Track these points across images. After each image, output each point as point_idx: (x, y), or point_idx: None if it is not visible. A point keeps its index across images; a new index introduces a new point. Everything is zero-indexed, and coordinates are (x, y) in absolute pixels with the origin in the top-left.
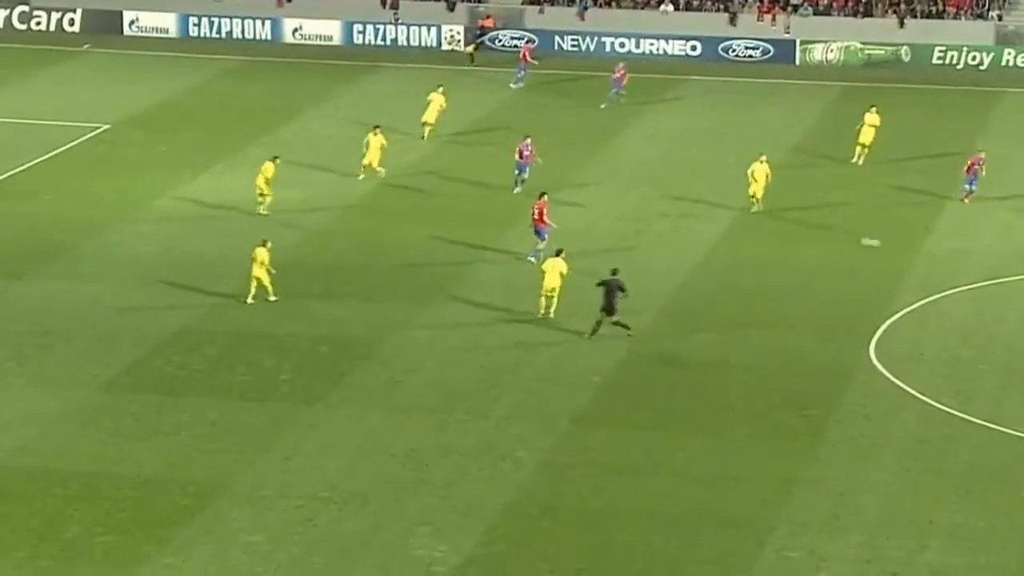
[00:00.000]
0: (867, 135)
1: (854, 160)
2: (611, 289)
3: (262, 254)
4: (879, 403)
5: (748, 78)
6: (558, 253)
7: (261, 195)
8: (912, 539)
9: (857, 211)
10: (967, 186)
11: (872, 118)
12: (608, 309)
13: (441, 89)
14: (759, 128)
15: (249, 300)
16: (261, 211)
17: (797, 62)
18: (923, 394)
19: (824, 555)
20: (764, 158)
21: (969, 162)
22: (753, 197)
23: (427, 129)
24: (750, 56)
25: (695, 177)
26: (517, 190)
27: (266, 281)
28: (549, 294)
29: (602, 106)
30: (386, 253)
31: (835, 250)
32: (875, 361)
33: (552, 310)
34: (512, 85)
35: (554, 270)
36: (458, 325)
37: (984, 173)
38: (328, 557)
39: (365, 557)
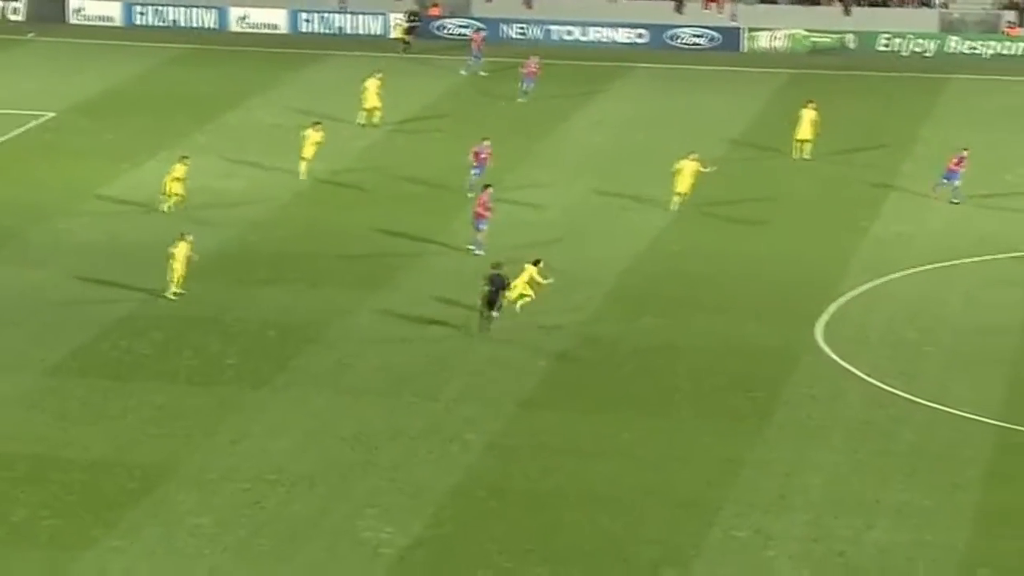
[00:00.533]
0: (805, 131)
1: (795, 156)
2: (494, 285)
3: (183, 248)
4: (825, 384)
5: (695, 66)
6: (536, 263)
7: (168, 194)
8: (859, 518)
9: (804, 196)
10: (945, 181)
11: (809, 114)
12: (491, 303)
13: (379, 75)
14: (706, 116)
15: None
16: (164, 208)
17: (744, 50)
18: (869, 375)
19: (771, 534)
20: (695, 156)
21: (954, 159)
22: (678, 194)
23: (377, 115)
24: (697, 44)
25: (642, 164)
26: (471, 194)
27: (178, 274)
28: (515, 299)
29: (519, 100)
30: (333, 241)
31: (782, 235)
32: (821, 343)
33: (518, 305)
34: (463, 72)
35: (524, 276)
36: (405, 311)
37: (964, 170)
38: (275, 539)
39: (313, 539)
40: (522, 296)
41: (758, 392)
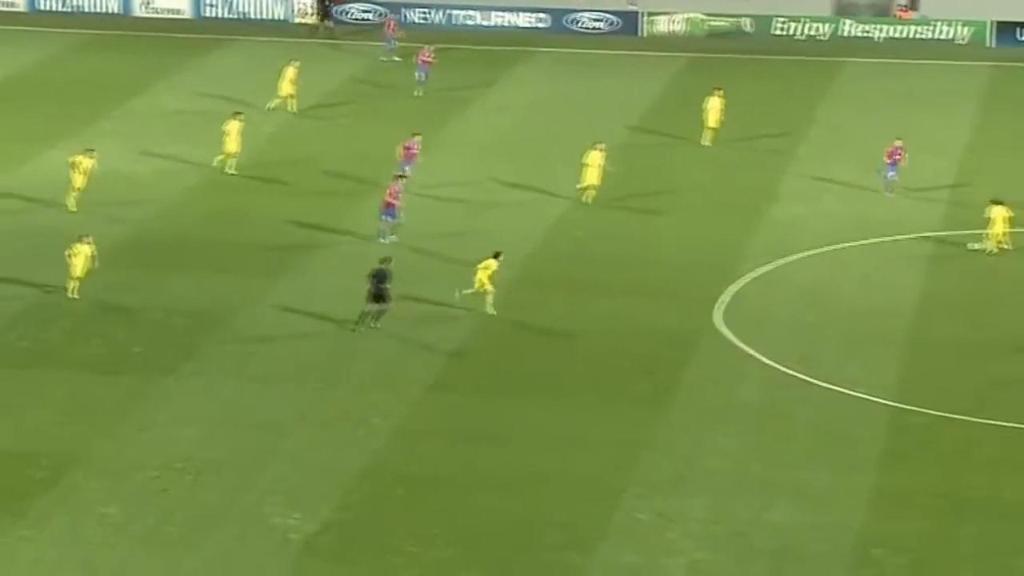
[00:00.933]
0: (713, 119)
1: (703, 142)
2: (380, 279)
3: (83, 250)
4: (725, 367)
5: (595, 50)
6: (496, 256)
7: (72, 189)
8: (758, 499)
9: (703, 179)
10: (889, 175)
11: (715, 102)
12: (376, 298)
13: (297, 64)
14: (607, 100)
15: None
16: (70, 206)
17: (643, 34)
18: (768, 358)
19: (672, 516)
20: (602, 146)
21: (888, 150)
22: (588, 187)
23: (291, 103)
24: (596, 28)
25: (545, 149)
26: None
27: (77, 277)
28: (480, 291)
29: (416, 93)
30: (239, 227)
31: (682, 219)
32: (721, 326)
33: (488, 305)
34: (383, 58)
35: (486, 269)
36: (311, 298)
37: (905, 162)
38: (184, 527)
39: (221, 526)
40: (486, 291)
41: (659, 375)
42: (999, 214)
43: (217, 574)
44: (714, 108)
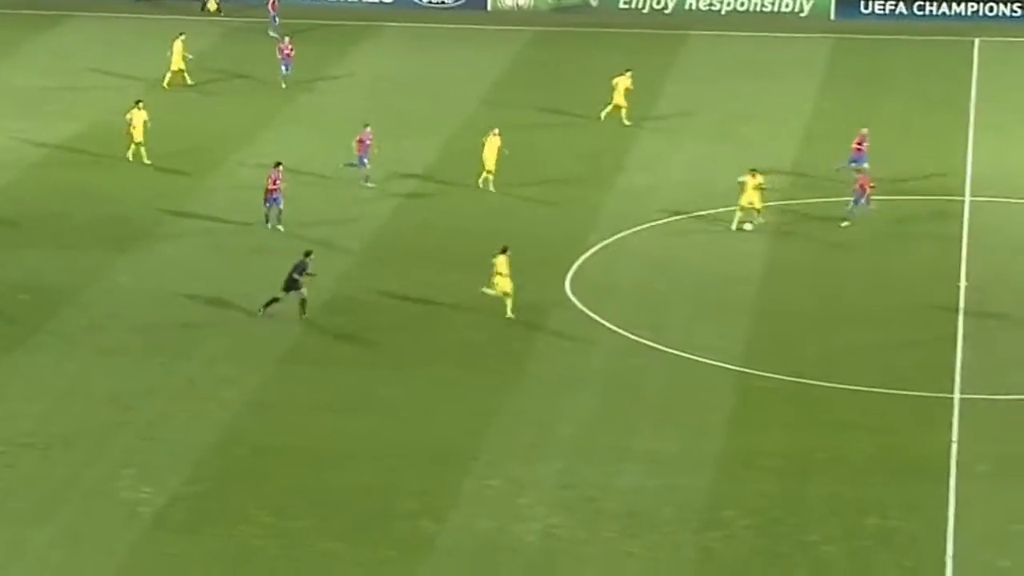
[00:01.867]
0: (619, 96)
1: (604, 113)
2: (297, 269)
3: None
4: (576, 336)
5: (442, 24)
6: (504, 251)
7: None
8: (609, 465)
9: (550, 152)
10: (859, 165)
11: (624, 81)
12: (288, 287)
13: (183, 37)
14: (457, 75)
15: None
16: None
17: (489, 8)
18: (618, 326)
19: (524, 483)
20: (496, 131)
21: (857, 139)
22: (488, 173)
23: (172, 76)
24: (443, 3)
25: (395, 125)
26: (370, 184)
27: None
28: (505, 295)
29: (283, 86)
30: (86, 202)
31: (531, 190)
32: (571, 296)
33: (509, 309)
34: (272, 33)
35: (502, 268)
36: (161, 272)
37: (867, 147)
38: (31, 502)
39: (70, 500)
40: (505, 294)
41: (512, 344)
42: (751, 183)
43: (65, 549)
44: (621, 88)
